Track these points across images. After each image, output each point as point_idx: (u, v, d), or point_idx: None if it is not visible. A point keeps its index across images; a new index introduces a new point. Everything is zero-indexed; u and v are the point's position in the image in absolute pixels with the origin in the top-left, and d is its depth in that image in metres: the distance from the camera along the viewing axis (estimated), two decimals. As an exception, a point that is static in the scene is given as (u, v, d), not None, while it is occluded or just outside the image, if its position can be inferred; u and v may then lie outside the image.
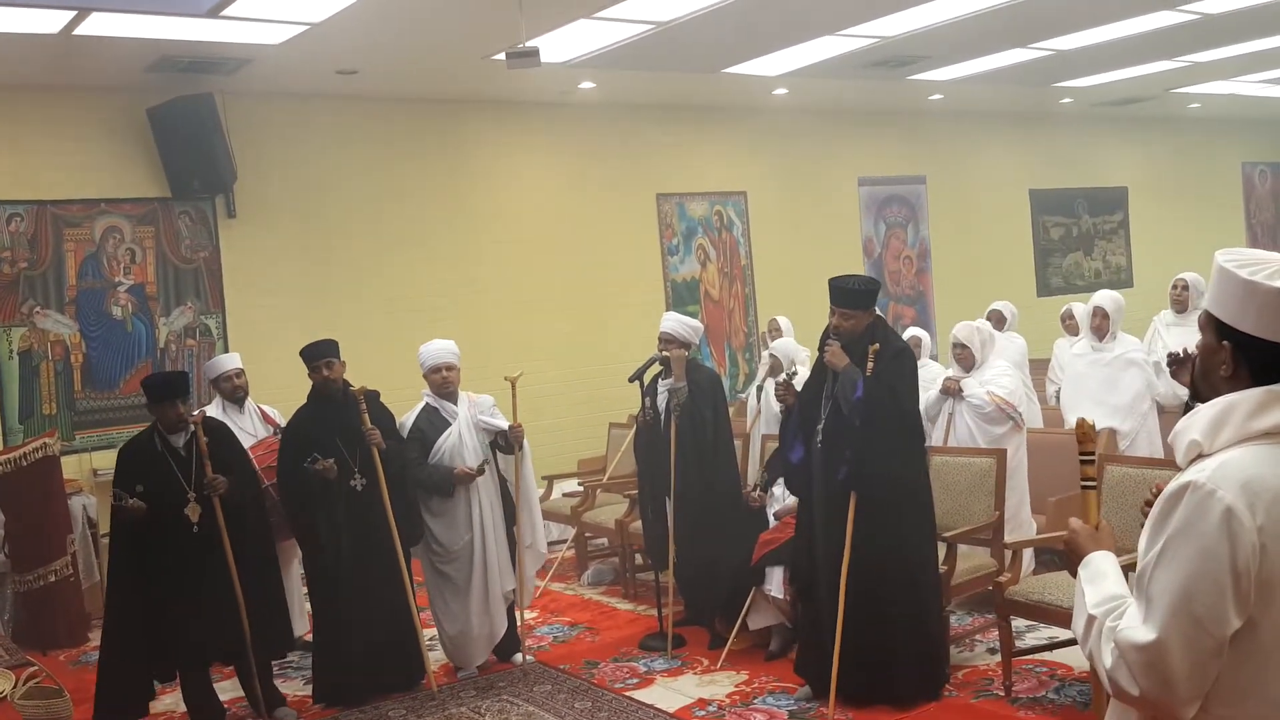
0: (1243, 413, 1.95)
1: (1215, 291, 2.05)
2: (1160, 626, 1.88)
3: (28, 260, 8.44)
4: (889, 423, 5.22)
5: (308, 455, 5.91)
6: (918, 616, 5.34)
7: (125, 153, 8.76)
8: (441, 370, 6.34)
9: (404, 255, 9.87)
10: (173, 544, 5.53)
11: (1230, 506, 1.86)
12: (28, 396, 8.44)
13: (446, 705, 5.86)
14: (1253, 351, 1.97)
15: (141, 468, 5.59)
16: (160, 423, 5.67)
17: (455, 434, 6.30)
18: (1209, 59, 11.49)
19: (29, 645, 6.82)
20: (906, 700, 5.31)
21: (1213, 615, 1.86)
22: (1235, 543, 1.85)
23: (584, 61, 8.96)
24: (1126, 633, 1.93)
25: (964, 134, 13.48)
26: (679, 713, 5.54)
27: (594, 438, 9.70)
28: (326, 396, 6.08)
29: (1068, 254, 14.66)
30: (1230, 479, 1.88)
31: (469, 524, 6.29)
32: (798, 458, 5.56)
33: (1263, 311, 1.95)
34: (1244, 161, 16.71)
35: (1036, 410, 8.23)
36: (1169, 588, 1.89)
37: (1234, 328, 1.99)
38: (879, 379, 5.22)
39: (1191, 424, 2.01)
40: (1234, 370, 1.99)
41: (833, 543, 5.32)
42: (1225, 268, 2.01)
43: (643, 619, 7.17)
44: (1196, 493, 1.89)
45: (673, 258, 11.36)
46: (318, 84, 9.10)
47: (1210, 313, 2.05)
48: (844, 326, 5.37)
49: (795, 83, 10.57)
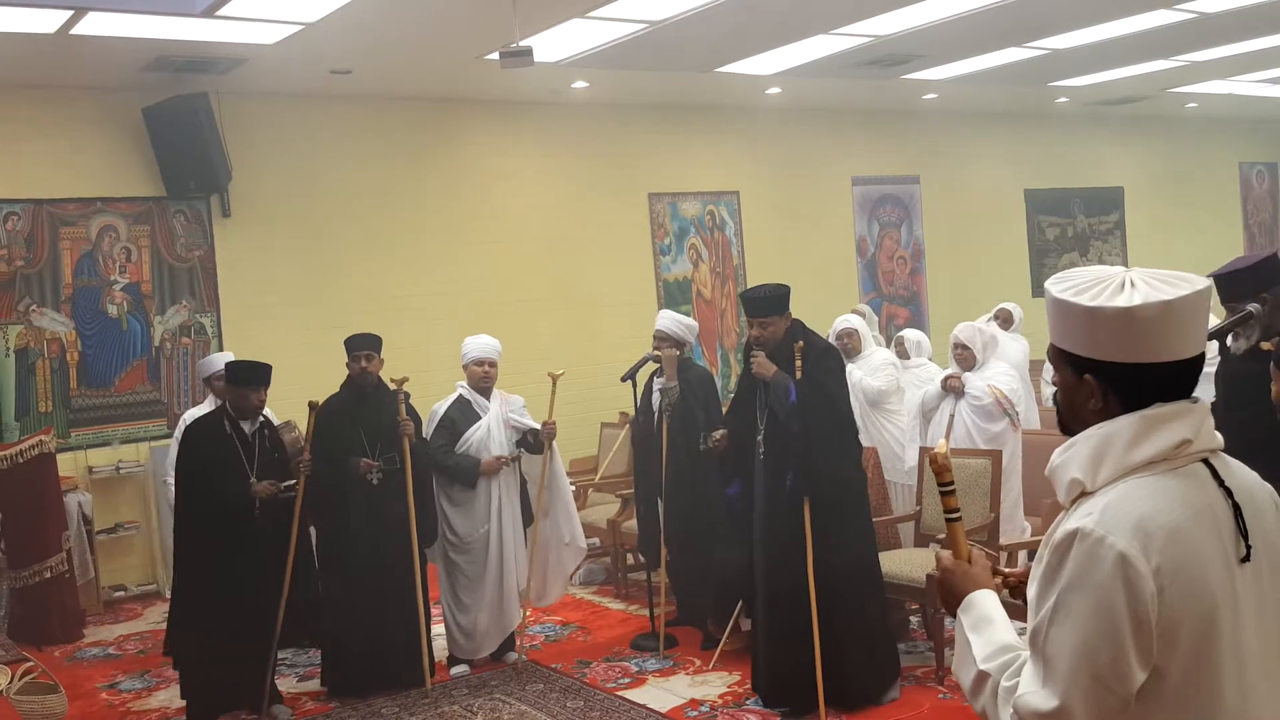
0: (1121, 445, 1.83)
1: (1058, 324, 1.92)
2: (1062, 692, 1.75)
3: (24, 258, 8.45)
4: (826, 422, 5.24)
5: (337, 443, 6.00)
6: (867, 613, 5.38)
7: (121, 152, 8.77)
8: (485, 365, 6.47)
9: (398, 254, 9.88)
10: (235, 529, 5.58)
11: (1123, 553, 1.73)
12: (24, 394, 8.45)
13: (439, 703, 5.88)
14: (1117, 378, 1.85)
15: (208, 446, 5.69)
16: (235, 405, 5.79)
17: (485, 427, 6.39)
18: (1206, 58, 11.49)
19: (24, 641, 6.84)
20: (869, 700, 5.35)
21: (1115, 672, 1.73)
22: (1132, 591, 1.72)
23: (577, 61, 8.97)
24: (1027, 699, 1.78)
25: (958, 134, 13.48)
26: (671, 713, 5.56)
27: (586, 438, 9.71)
28: (359, 388, 6.17)
29: (1063, 255, 14.67)
30: (1119, 522, 1.76)
31: (487, 516, 6.37)
32: (735, 491, 5.62)
33: (1114, 334, 1.83)
34: (1241, 161, 16.72)
35: (1035, 413, 8.23)
36: (1066, 647, 1.75)
37: (1089, 358, 1.87)
38: (810, 380, 5.24)
39: (1069, 459, 1.88)
40: (1103, 402, 1.87)
41: (780, 557, 5.32)
42: (1062, 299, 1.88)
43: (635, 619, 7.19)
44: (1085, 540, 1.76)
45: (665, 257, 11.38)
46: (312, 84, 9.11)
47: (1060, 348, 1.93)
48: (764, 335, 5.39)
49: (788, 82, 10.58)
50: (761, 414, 5.43)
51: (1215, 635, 1.78)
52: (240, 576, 5.56)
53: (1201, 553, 1.79)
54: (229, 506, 5.58)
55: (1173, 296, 1.82)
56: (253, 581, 5.59)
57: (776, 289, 5.48)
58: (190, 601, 5.63)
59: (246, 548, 5.59)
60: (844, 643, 5.28)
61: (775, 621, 5.40)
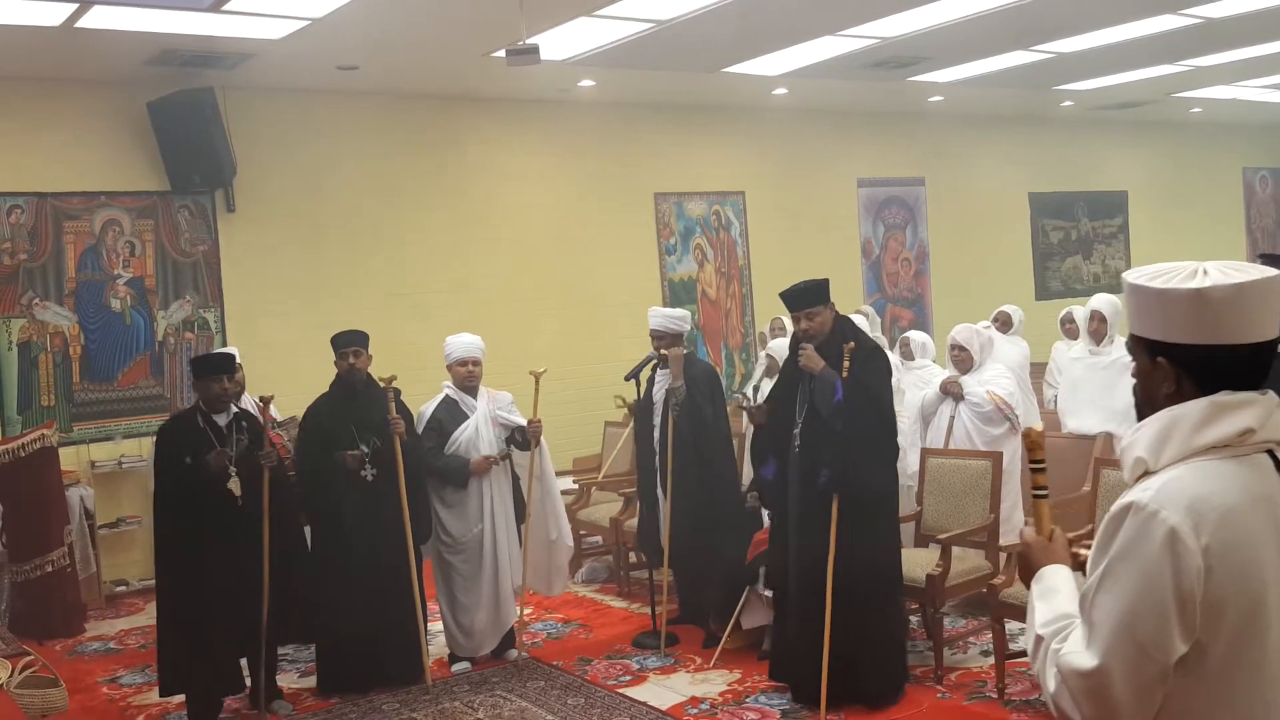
0: (1187, 427, 1.89)
1: (1134, 311, 2.00)
2: (1102, 653, 1.83)
3: (27, 252, 8.45)
4: (868, 424, 5.21)
5: (326, 440, 5.98)
6: (886, 618, 5.38)
7: (125, 146, 8.77)
8: (468, 364, 6.44)
9: (402, 251, 9.88)
10: (217, 519, 5.57)
11: (1174, 528, 1.80)
12: (26, 388, 8.45)
13: (440, 700, 5.88)
14: (1190, 360, 1.91)
15: (184, 443, 5.65)
16: (204, 399, 5.76)
17: (473, 427, 6.37)
18: (1210, 63, 11.49)
19: (25, 635, 6.83)
20: (877, 702, 5.34)
21: (1156, 641, 1.80)
22: (1179, 566, 1.79)
23: (584, 59, 8.97)
24: (1069, 658, 1.87)
25: (964, 136, 13.48)
26: (672, 710, 5.55)
27: (589, 436, 9.71)
28: (349, 385, 6.15)
29: (1067, 258, 14.67)
30: (1174, 499, 1.82)
31: (480, 515, 6.36)
32: (771, 473, 5.56)
33: (1188, 315, 1.90)
34: (1245, 167, 16.72)
35: (1035, 414, 8.23)
36: (1111, 613, 1.83)
37: (1164, 341, 1.94)
38: (857, 381, 5.20)
39: (1136, 440, 1.95)
40: (1177, 385, 1.94)
41: (808, 549, 5.31)
42: (1137, 284, 1.97)
43: (636, 617, 7.18)
44: (1139, 514, 1.83)
45: (670, 257, 11.37)
46: (318, 79, 9.11)
47: (1136, 335, 2.01)
48: (811, 327, 5.35)
49: (795, 83, 10.58)
50: (801, 406, 5.40)
51: (1263, 618, 1.84)
52: (224, 568, 5.55)
53: (1254, 537, 1.84)
54: (207, 495, 5.54)
55: (1244, 280, 1.89)
56: (237, 573, 5.57)
57: (815, 281, 5.46)
58: (175, 597, 5.61)
59: (229, 539, 5.57)
60: (860, 642, 5.28)
61: (797, 608, 5.40)
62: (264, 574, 5.61)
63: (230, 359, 6.11)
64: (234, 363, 6.04)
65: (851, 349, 5.21)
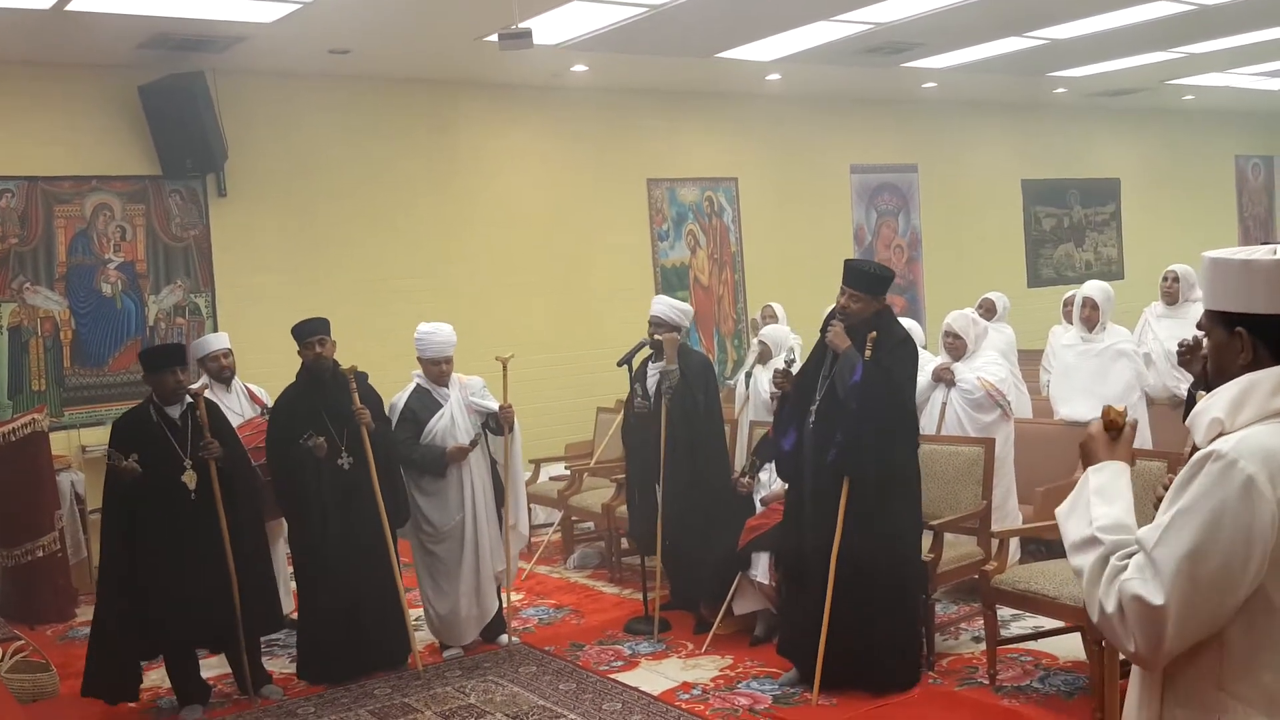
0: (1265, 391, 1.96)
1: (1213, 286, 2.06)
2: (1168, 589, 1.88)
3: (18, 236, 8.42)
4: (883, 409, 5.19)
5: (296, 432, 5.92)
6: (900, 606, 5.36)
7: (116, 130, 8.73)
8: (440, 363, 6.36)
9: (393, 236, 9.86)
10: (169, 514, 5.51)
11: (1252, 476, 1.86)
12: (17, 372, 8.43)
13: (431, 685, 5.88)
14: (1268, 330, 1.98)
15: (137, 438, 5.56)
16: (157, 393, 5.67)
17: (447, 415, 6.32)
18: (1204, 50, 11.50)
19: (16, 620, 6.83)
20: (882, 689, 5.33)
21: (1222, 584, 1.87)
22: (1254, 512, 1.86)
23: (577, 44, 8.95)
24: (1135, 585, 1.92)
25: (957, 123, 13.48)
26: (663, 695, 5.56)
27: (581, 422, 9.71)
28: (316, 374, 6.06)
29: (1059, 245, 14.68)
30: (1253, 451, 1.89)
31: (460, 504, 6.32)
32: (789, 444, 5.54)
33: (1267, 285, 1.97)
34: (1237, 154, 16.74)
35: (1026, 401, 8.23)
36: (1182, 553, 1.89)
37: (1243, 313, 2.01)
38: (878, 365, 5.19)
39: (1212, 403, 2.02)
40: (1253, 354, 2.00)
41: (822, 528, 5.31)
42: (1218, 259, 2.04)
43: (628, 603, 7.18)
44: (1219, 461, 1.90)
45: (663, 243, 11.36)
46: (310, 63, 9.08)
47: (1212, 311, 2.07)
48: (851, 308, 5.32)
49: (788, 69, 10.56)
50: (822, 382, 5.40)
51: None
52: (178, 563, 5.51)
53: None
54: (161, 493, 5.49)
55: None
56: (192, 568, 5.52)
57: (883, 270, 5.46)
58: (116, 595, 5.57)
59: (183, 533, 5.52)
60: (865, 627, 5.27)
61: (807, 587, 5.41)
62: (229, 565, 5.55)
63: (181, 349, 6.00)
64: (184, 353, 5.95)
65: (874, 338, 5.18)
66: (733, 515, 6.43)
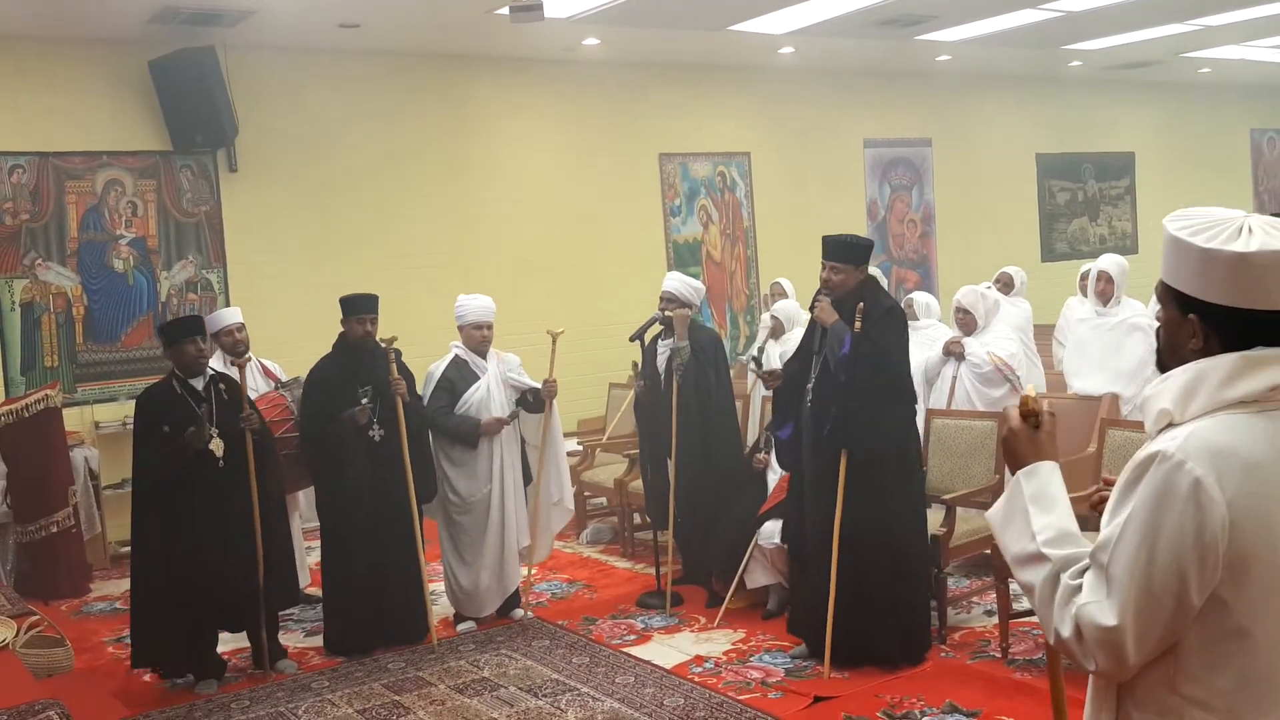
0: (1215, 381, 1.84)
1: (1171, 262, 1.91)
2: (1122, 606, 1.79)
3: (29, 212, 8.42)
4: (875, 379, 5.18)
5: (331, 402, 5.96)
6: (902, 579, 5.35)
7: (127, 105, 8.72)
8: (483, 328, 6.39)
9: (404, 211, 9.85)
10: (199, 482, 5.51)
11: (1199, 479, 1.76)
12: (29, 348, 8.44)
13: (445, 658, 5.90)
14: (1223, 320, 1.85)
15: (163, 411, 5.56)
16: (178, 365, 5.64)
17: (484, 387, 6.34)
18: (1220, 23, 11.39)
19: (31, 595, 6.85)
20: (889, 663, 5.33)
21: (1176, 593, 1.77)
22: (1203, 517, 1.75)
23: (588, 17, 8.89)
24: (1090, 610, 1.82)
25: (971, 96, 13.40)
26: (676, 669, 5.57)
27: (594, 397, 9.70)
28: (353, 347, 6.10)
29: (1073, 219, 14.60)
30: (1201, 450, 1.78)
31: (489, 476, 6.34)
32: (786, 435, 5.56)
33: (1226, 279, 1.83)
34: (1252, 128, 16.61)
35: (1040, 375, 8.21)
36: (1133, 562, 1.79)
37: (1197, 298, 1.87)
38: (866, 336, 5.18)
39: (1161, 391, 1.91)
40: (1204, 342, 1.88)
41: (821, 504, 5.31)
42: (1178, 237, 1.88)
43: (640, 577, 7.19)
44: (1164, 463, 1.79)
45: (675, 218, 11.33)
46: (320, 38, 9.04)
47: (1168, 285, 1.93)
48: (833, 280, 5.32)
49: (801, 42, 10.49)
50: (816, 361, 5.39)
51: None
52: (208, 535, 5.51)
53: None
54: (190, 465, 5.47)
55: None
56: (221, 538, 5.53)
57: (859, 239, 5.47)
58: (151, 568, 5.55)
59: (212, 503, 5.52)
60: (869, 602, 5.27)
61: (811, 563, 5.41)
62: (256, 536, 5.57)
63: (198, 320, 6.00)
64: (202, 324, 5.95)
65: (862, 309, 5.17)
66: (743, 491, 6.43)
